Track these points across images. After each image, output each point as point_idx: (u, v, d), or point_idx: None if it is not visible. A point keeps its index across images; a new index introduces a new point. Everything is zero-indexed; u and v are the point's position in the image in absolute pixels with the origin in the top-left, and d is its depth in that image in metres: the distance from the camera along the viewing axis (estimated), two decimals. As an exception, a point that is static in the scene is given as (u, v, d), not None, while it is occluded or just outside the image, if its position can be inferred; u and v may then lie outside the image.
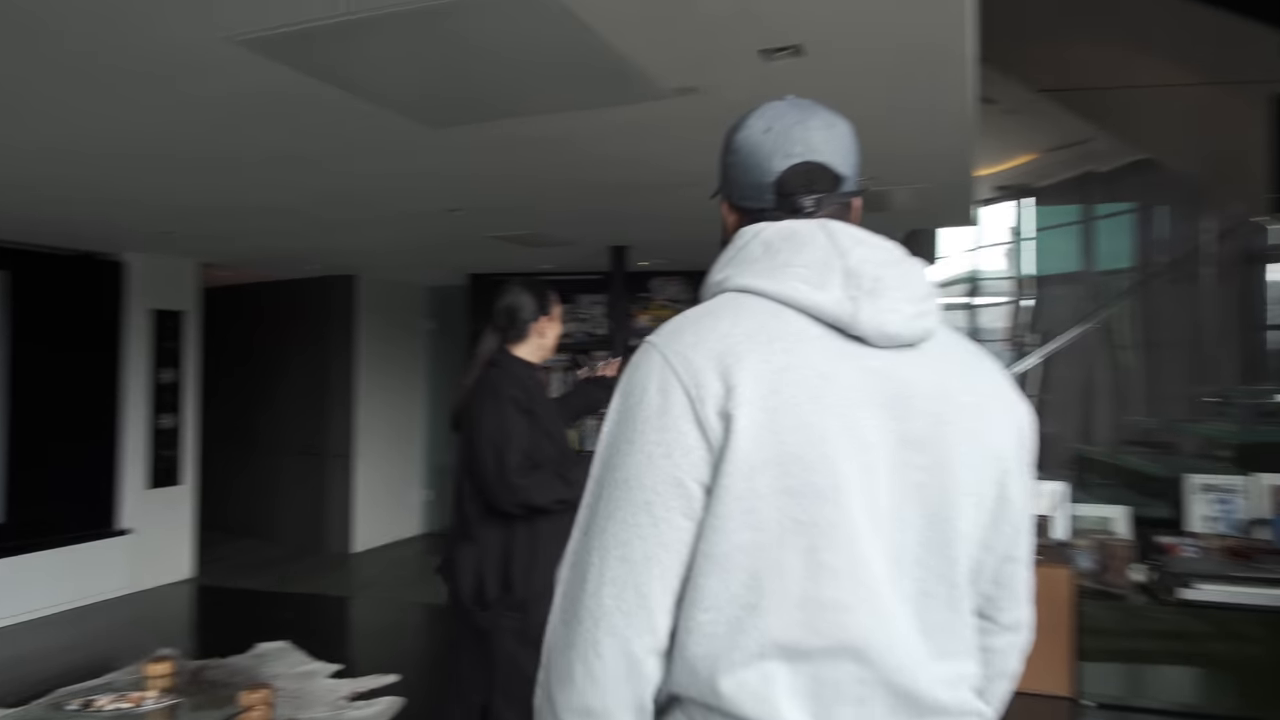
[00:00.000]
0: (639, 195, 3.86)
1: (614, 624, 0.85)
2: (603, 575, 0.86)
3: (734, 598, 0.84)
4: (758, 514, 0.83)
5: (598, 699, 0.85)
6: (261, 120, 2.67)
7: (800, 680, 0.83)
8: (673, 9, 1.89)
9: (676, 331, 0.91)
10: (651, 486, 0.85)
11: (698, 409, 0.85)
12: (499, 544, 2.24)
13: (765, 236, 0.96)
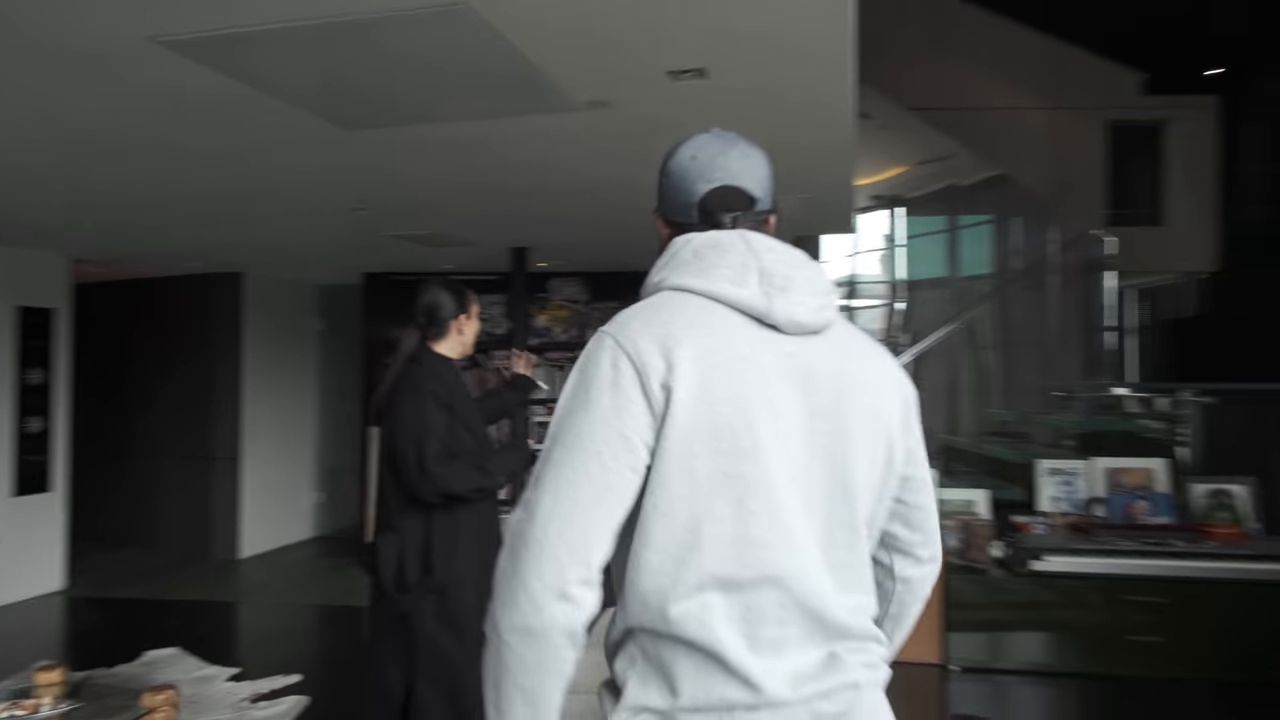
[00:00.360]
0: (546, 199, 3.99)
1: (557, 554, 0.97)
2: (552, 512, 0.98)
3: (677, 540, 1.00)
4: (694, 471, 1.00)
5: (536, 620, 0.97)
6: (158, 112, 2.62)
7: (733, 607, 1.01)
8: (588, 29, 2.05)
9: (625, 321, 1.08)
10: (604, 440, 1.00)
11: (644, 381, 1.01)
12: (420, 532, 2.34)
13: (694, 245, 1.14)
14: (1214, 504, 4.50)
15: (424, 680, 2.31)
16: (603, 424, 1.01)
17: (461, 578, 2.34)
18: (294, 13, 1.92)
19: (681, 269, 1.12)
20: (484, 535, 2.48)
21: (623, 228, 4.51)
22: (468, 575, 2.34)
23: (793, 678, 1.01)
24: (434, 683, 2.31)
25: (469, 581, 2.33)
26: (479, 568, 2.43)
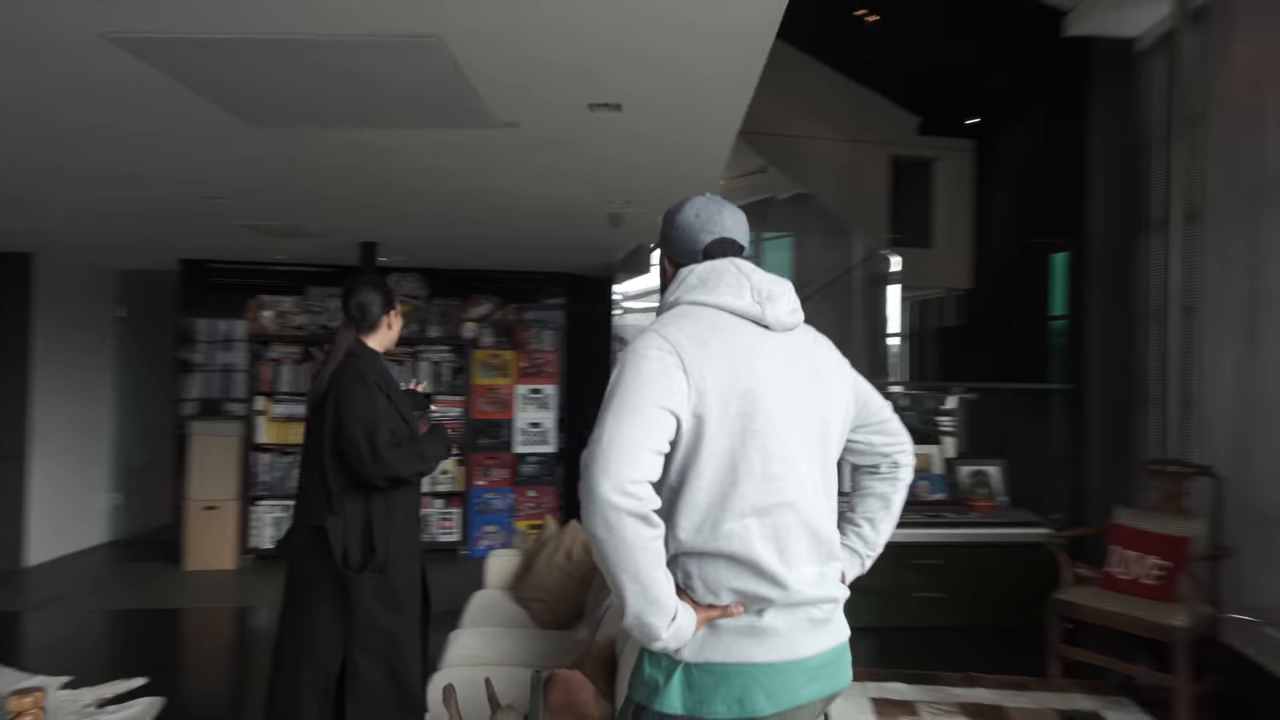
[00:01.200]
0: (429, 200, 4.13)
1: (618, 463, 1.30)
2: (611, 440, 1.31)
3: (721, 479, 1.39)
4: (730, 428, 1.39)
5: (610, 513, 1.28)
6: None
7: (765, 528, 1.40)
8: (535, 67, 2.32)
9: (665, 325, 1.45)
10: (653, 405, 1.35)
11: (685, 364, 1.39)
12: (361, 515, 2.49)
13: (698, 272, 1.53)
14: (975, 482, 5.46)
15: (362, 652, 2.47)
16: (648, 386, 1.37)
17: (397, 556, 2.52)
18: (264, 27, 2.03)
19: (691, 290, 1.50)
20: (414, 516, 2.67)
21: (485, 227, 4.71)
22: (403, 553, 2.53)
23: (806, 583, 1.40)
24: (373, 654, 2.48)
25: (404, 558, 2.52)
26: (412, 546, 2.63)
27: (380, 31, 2.06)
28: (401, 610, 2.53)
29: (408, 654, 2.54)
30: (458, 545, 6.72)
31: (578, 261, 6.64)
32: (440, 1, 1.91)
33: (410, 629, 2.59)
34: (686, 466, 1.39)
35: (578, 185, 3.78)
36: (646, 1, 1.93)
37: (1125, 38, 5.44)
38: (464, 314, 6.81)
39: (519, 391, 6.80)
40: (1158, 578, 3.77)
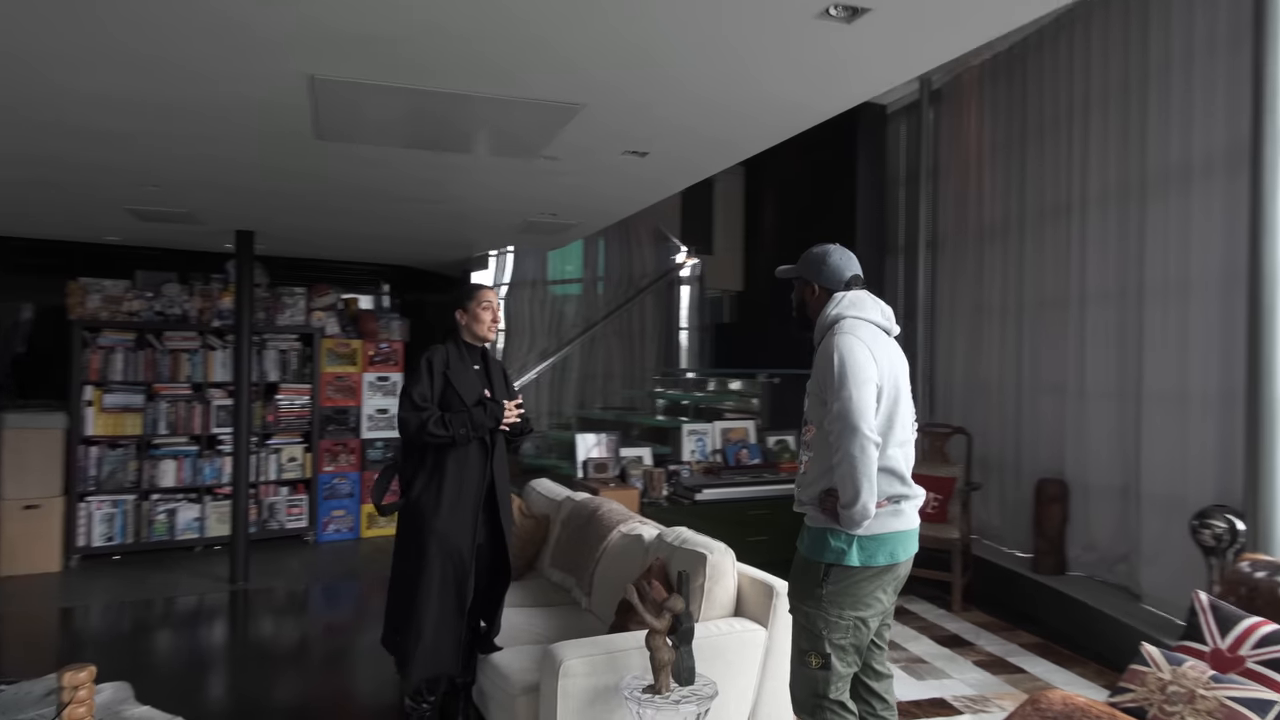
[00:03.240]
0: (376, 202, 4.45)
1: (866, 418, 2.22)
2: (858, 406, 2.22)
3: (885, 426, 2.31)
4: (888, 395, 2.33)
5: (866, 442, 2.19)
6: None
7: (902, 454, 2.35)
8: (649, 125, 3.01)
9: (852, 329, 2.32)
10: (869, 380, 2.26)
11: (875, 357, 2.30)
12: (411, 465, 3.00)
13: (850, 298, 2.42)
14: (779, 448, 6.82)
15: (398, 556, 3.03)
16: (865, 368, 2.28)
17: (428, 504, 2.96)
18: (445, 85, 2.55)
19: (849, 308, 2.40)
20: (459, 476, 3.05)
21: (386, 226, 5.05)
22: (434, 503, 2.97)
23: (916, 487, 2.36)
24: (401, 556, 3.03)
25: (432, 508, 2.96)
26: (450, 501, 3.03)
27: (530, 97, 2.67)
28: (418, 546, 2.95)
29: (424, 594, 2.92)
30: (304, 531, 6.81)
31: (434, 258, 7.03)
32: (593, 80, 2.58)
33: (416, 565, 2.96)
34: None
35: (520, 201, 4.40)
36: (725, 103, 2.77)
37: (880, 103, 7.08)
38: (312, 303, 6.88)
39: (367, 379, 7.02)
40: (935, 507, 5.29)
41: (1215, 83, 3.99)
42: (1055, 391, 5.17)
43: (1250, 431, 3.56)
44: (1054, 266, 5.22)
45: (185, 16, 2.09)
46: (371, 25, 2.12)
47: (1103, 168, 4.81)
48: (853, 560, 2.30)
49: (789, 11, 2.05)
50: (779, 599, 2.96)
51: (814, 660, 2.35)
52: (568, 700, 2.61)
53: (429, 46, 2.26)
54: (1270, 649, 2.59)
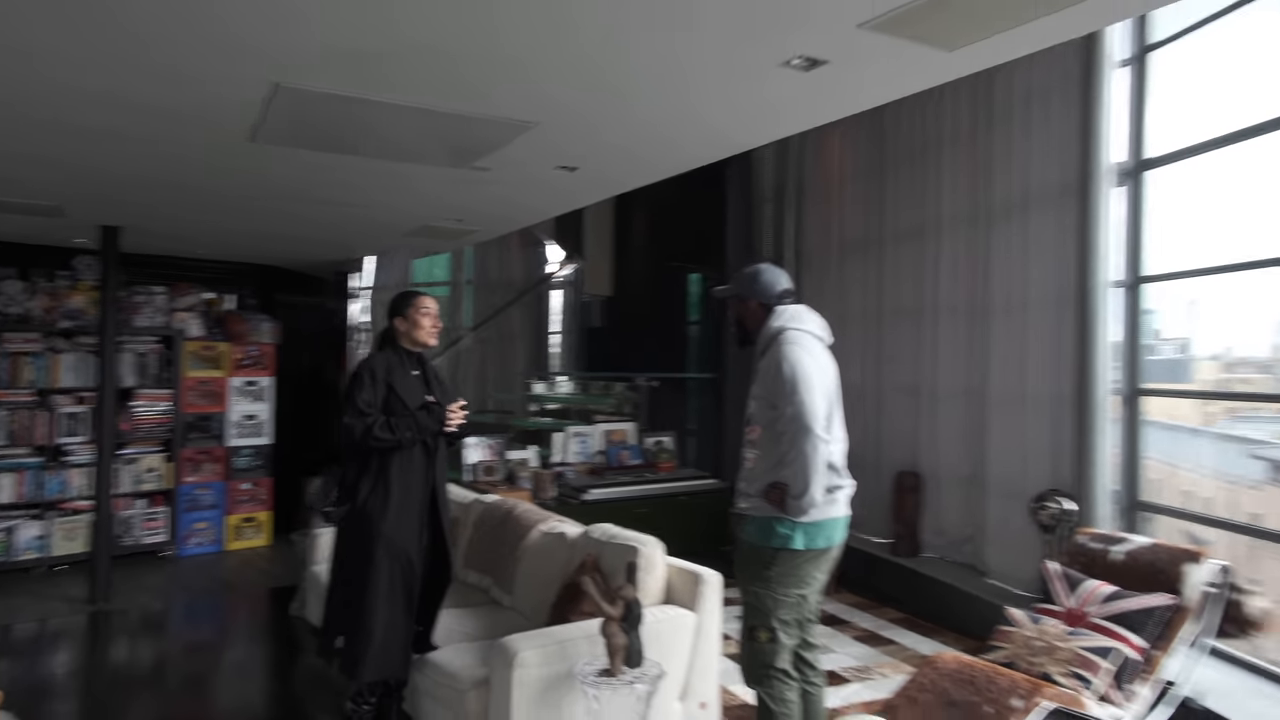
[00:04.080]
0: (296, 203, 4.33)
1: (817, 417, 2.50)
2: (809, 407, 2.49)
3: (826, 429, 2.58)
4: (826, 400, 2.61)
5: (817, 439, 2.47)
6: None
7: (837, 450, 2.65)
8: (594, 146, 3.17)
9: (797, 339, 2.61)
10: (815, 388, 2.54)
11: (819, 364, 2.59)
12: (352, 470, 3.02)
13: (790, 311, 2.71)
14: (658, 449, 7.13)
15: (335, 560, 3.06)
16: (813, 374, 2.57)
17: (375, 509, 2.97)
18: (409, 100, 2.63)
19: (792, 320, 2.69)
20: (405, 480, 3.09)
21: (266, 224, 4.92)
22: (381, 508, 2.98)
23: (848, 478, 2.68)
24: (339, 562, 3.06)
25: (379, 513, 2.98)
26: (396, 505, 3.07)
27: (492, 115, 2.79)
28: (364, 550, 2.96)
29: (373, 598, 2.94)
30: (163, 546, 6.41)
31: (309, 258, 6.81)
32: (551, 100, 2.74)
33: (363, 567, 2.97)
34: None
35: (434, 205, 4.45)
36: (663, 131, 3.01)
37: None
38: (174, 303, 6.48)
39: (233, 384, 6.71)
40: (808, 499, 5.75)
41: (1050, 126, 4.65)
42: (911, 393, 5.77)
43: (1079, 427, 4.20)
44: (910, 282, 5.82)
45: (173, 10, 2.05)
46: (365, 42, 2.18)
47: (953, 196, 5.44)
48: (797, 544, 2.59)
49: (755, 58, 2.31)
50: (706, 586, 3.22)
51: (763, 635, 2.63)
52: (522, 690, 2.75)
53: (413, 63, 2.34)
54: (1109, 605, 3.11)
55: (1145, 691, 2.94)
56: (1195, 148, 3.91)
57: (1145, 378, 4.23)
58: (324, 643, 3.07)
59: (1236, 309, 4.13)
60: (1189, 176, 4.03)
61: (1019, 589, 4.60)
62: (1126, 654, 2.94)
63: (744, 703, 3.63)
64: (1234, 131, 3.67)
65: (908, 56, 2.23)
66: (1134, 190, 4.24)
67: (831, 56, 2.25)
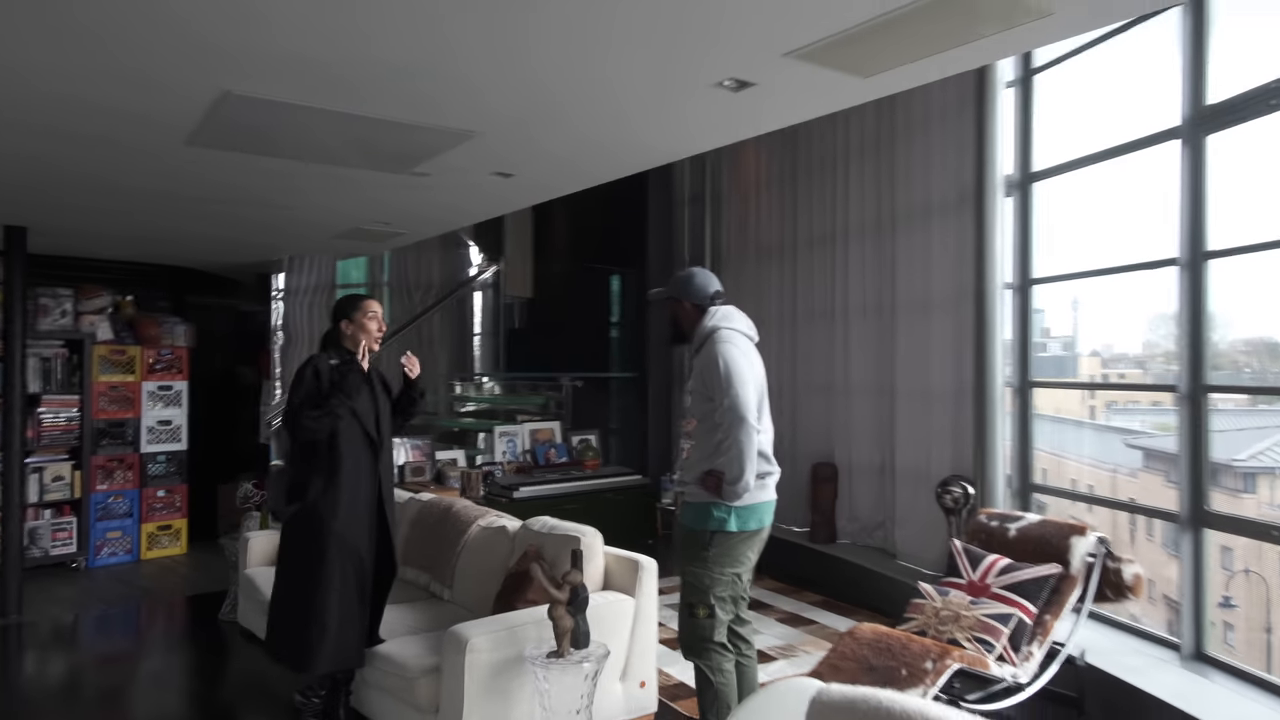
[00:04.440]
0: (229, 205, 4.30)
1: (750, 408, 2.72)
2: (742, 399, 2.70)
3: (756, 419, 2.80)
4: (756, 392, 2.83)
5: (750, 428, 2.68)
6: None
7: (767, 439, 2.87)
8: (534, 155, 3.30)
9: (728, 338, 2.83)
10: (748, 382, 2.76)
11: (745, 358, 2.80)
12: (304, 471, 3.08)
13: (722, 311, 2.93)
14: (584, 447, 7.29)
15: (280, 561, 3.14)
16: (743, 370, 2.77)
17: (326, 507, 3.04)
18: (361, 109, 2.72)
19: (723, 320, 2.91)
20: (354, 477, 3.17)
21: (198, 223, 4.88)
22: (332, 506, 3.06)
23: (775, 465, 2.90)
24: (283, 561, 3.14)
25: (330, 510, 3.05)
26: (346, 502, 3.15)
27: (437, 125, 2.91)
28: (317, 544, 3.03)
29: (326, 592, 3.01)
30: (72, 557, 6.19)
31: (227, 260, 6.68)
32: (494, 112, 2.89)
33: (316, 560, 3.04)
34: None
35: (365, 208, 4.50)
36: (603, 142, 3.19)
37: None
38: (80, 306, 6.27)
39: (147, 388, 6.52)
40: (730, 492, 6.02)
41: (947, 142, 5.03)
42: (824, 390, 6.10)
43: (978, 418, 4.58)
44: (821, 285, 6.16)
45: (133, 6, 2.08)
46: (320, 52, 2.27)
47: (860, 205, 5.79)
48: (731, 526, 2.81)
49: (689, 78, 2.51)
50: (644, 572, 3.41)
51: (702, 611, 2.83)
52: (474, 673, 2.88)
53: (364, 76, 2.43)
54: (1006, 576, 3.45)
55: (1038, 652, 3.28)
56: (1075, 162, 4.32)
57: (1035, 372, 4.64)
58: (270, 641, 3.12)
59: (1114, 309, 4.59)
60: (1071, 188, 4.46)
61: (926, 569, 4.96)
62: (1022, 619, 3.28)
63: (680, 682, 3.84)
64: (1110, 148, 4.08)
65: (827, 82, 2.47)
66: (1022, 200, 4.65)
67: (759, 80, 2.47)
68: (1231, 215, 3.51)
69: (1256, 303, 3.61)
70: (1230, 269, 3.54)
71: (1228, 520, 3.53)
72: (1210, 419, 3.58)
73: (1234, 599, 4.13)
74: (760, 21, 2.08)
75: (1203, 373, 3.56)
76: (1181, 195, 3.61)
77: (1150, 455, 4.72)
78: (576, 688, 2.86)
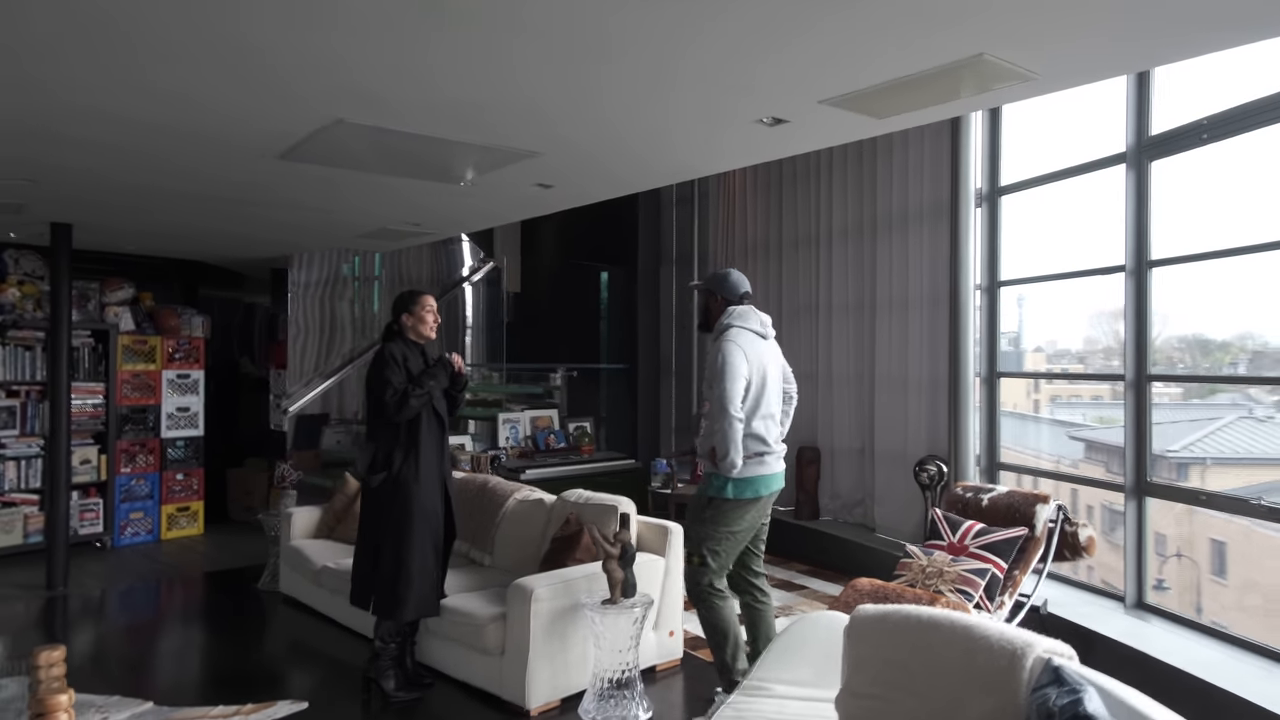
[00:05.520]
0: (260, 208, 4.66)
1: (735, 402, 3.20)
2: (734, 392, 3.20)
3: (752, 407, 3.30)
4: (755, 385, 3.33)
5: (734, 420, 3.17)
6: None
7: (765, 424, 3.35)
8: (586, 170, 3.77)
9: (734, 335, 3.31)
10: (738, 378, 3.23)
11: (747, 357, 3.29)
12: (386, 442, 3.52)
13: (738, 311, 3.43)
14: (580, 433, 7.76)
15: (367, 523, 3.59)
16: (738, 367, 3.25)
17: (409, 475, 3.51)
18: (436, 132, 3.16)
19: (736, 319, 3.41)
20: (430, 448, 3.63)
21: (234, 223, 5.24)
22: (414, 473, 3.53)
23: (775, 444, 3.40)
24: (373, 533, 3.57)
25: (413, 478, 3.52)
26: (426, 471, 3.62)
27: (506, 146, 3.37)
28: (401, 508, 3.47)
29: (411, 551, 3.47)
30: (99, 536, 6.50)
31: (245, 255, 7.01)
32: (559, 137, 3.36)
33: (402, 523, 3.48)
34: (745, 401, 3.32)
35: (402, 210, 4.91)
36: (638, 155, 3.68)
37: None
38: (105, 298, 6.55)
39: (166, 376, 6.83)
40: (722, 473, 6.56)
41: (924, 157, 5.61)
42: (808, 380, 6.66)
43: (953, 404, 5.17)
44: (805, 283, 6.72)
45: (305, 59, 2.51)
46: (458, 93, 2.72)
47: (842, 211, 6.35)
48: (728, 494, 3.32)
49: (733, 116, 3.01)
50: (672, 535, 3.92)
51: (695, 559, 3.38)
52: (538, 620, 3.36)
53: (464, 108, 2.88)
54: (982, 538, 4.02)
55: (1009, 601, 3.87)
56: (1037, 179, 4.93)
57: (1000, 365, 5.25)
58: (361, 594, 3.56)
59: (1057, 309, 5.21)
60: (1032, 202, 5.06)
61: (903, 539, 5.55)
62: (995, 574, 3.86)
63: (699, 636, 4.36)
64: (1067, 168, 4.69)
65: (847, 121, 2.98)
66: (990, 211, 5.24)
67: (793, 118, 2.97)
68: (1169, 230, 4.13)
69: (1189, 305, 4.23)
70: (1167, 276, 4.16)
71: (1165, 489, 4.16)
72: (1152, 405, 4.21)
73: (1166, 581, 4.69)
74: (803, 78, 2.58)
75: (1146, 364, 4.18)
76: (1127, 211, 4.22)
77: (1091, 447, 5.31)
78: (626, 630, 3.35)
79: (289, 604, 4.99)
